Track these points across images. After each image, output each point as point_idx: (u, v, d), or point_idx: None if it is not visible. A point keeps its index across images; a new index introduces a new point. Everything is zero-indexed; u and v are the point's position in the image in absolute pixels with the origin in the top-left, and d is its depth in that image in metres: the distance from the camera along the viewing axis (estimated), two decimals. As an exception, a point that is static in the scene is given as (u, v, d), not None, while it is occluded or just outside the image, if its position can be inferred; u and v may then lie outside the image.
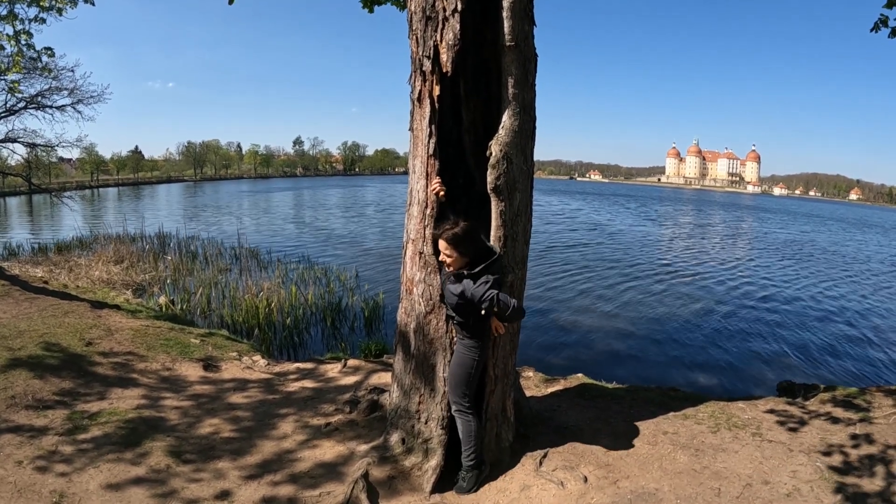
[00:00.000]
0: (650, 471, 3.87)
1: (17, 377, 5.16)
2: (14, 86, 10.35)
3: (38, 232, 26.64)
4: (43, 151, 19.21)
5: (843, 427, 4.52)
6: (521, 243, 3.77)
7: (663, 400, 5.33)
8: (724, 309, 14.48)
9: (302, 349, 9.89)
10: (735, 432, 4.47)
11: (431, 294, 3.68)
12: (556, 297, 14.88)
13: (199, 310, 11.37)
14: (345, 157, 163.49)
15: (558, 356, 9.97)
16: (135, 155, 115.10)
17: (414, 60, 3.72)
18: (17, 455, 3.93)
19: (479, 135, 4.07)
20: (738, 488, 3.63)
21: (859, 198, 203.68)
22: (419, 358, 3.81)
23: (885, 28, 6.05)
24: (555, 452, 4.07)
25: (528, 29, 3.63)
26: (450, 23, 3.48)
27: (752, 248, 30.55)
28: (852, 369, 10.37)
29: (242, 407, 5.09)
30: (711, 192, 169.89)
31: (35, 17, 7.21)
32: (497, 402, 3.87)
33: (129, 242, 18.57)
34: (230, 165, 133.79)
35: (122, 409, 4.83)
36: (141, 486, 3.65)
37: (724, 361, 10.33)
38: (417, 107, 3.72)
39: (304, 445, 4.29)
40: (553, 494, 3.61)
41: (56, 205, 23.08)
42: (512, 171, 3.52)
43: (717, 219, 54.03)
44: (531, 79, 3.69)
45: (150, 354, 6.35)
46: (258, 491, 3.66)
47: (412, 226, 3.81)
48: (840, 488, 3.57)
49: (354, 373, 6.17)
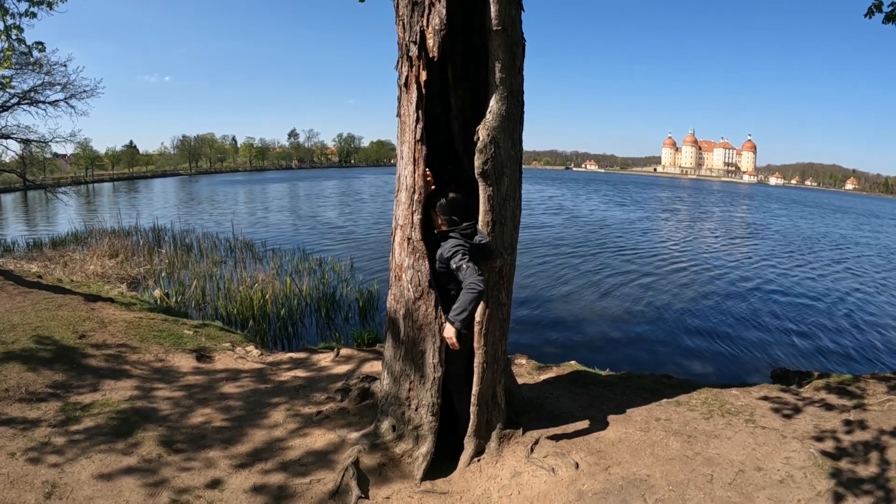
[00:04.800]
0: (642, 457, 3.88)
1: (11, 370, 5.16)
2: (6, 81, 10.25)
3: (33, 228, 26.53)
4: (37, 147, 19.12)
5: (837, 414, 4.53)
6: (510, 228, 3.75)
7: (656, 387, 5.34)
8: (718, 296, 14.50)
9: (296, 340, 9.89)
10: (728, 419, 4.48)
11: (420, 280, 3.66)
12: (549, 285, 14.88)
13: (194, 302, 11.36)
14: (340, 149, 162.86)
15: (551, 344, 9.98)
16: (129, 149, 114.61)
17: (401, 46, 3.69)
18: (10, 447, 3.93)
19: (467, 120, 4.04)
20: (731, 474, 3.64)
21: (855, 188, 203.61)
22: (409, 344, 3.79)
23: (879, 13, 6.00)
24: (546, 439, 4.07)
25: (515, 13, 3.59)
26: (436, 7, 3.45)
27: (746, 236, 30.54)
28: (846, 356, 10.40)
29: (234, 397, 5.09)
30: (707, 182, 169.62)
31: (26, 11, 7.12)
32: (487, 389, 3.86)
33: (124, 236, 18.46)
34: (225, 158, 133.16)
35: (114, 401, 4.83)
36: (132, 476, 3.66)
37: (717, 349, 10.35)
38: (405, 92, 3.69)
39: (295, 434, 4.29)
40: (544, 481, 3.61)
41: (51, 200, 23.01)
42: (500, 155, 3.49)
43: (711, 208, 53.94)
44: (519, 63, 3.66)
45: (143, 346, 6.33)
46: (249, 479, 3.67)
47: (400, 212, 3.79)
48: (834, 474, 3.58)
49: (347, 362, 6.17)
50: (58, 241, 18.88)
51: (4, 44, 6.99)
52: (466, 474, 3.79)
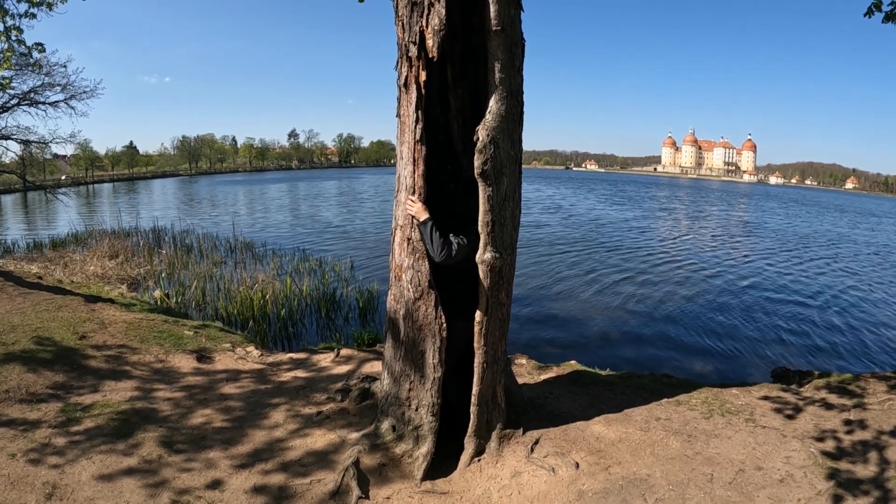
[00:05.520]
0: (642, 457, 3.87)
1: (11, 371, 5.16)
2: (6, 82, 10.25)
3: (33, 229, 26.52)
4: (37, 148, 19.18)
5: (837, 413, 4.52)
6: (510, 228, 3.75)
7: (656, 386, 5.33)
8: (718, 295, 14.50)
9: (296, 340, 9.89)
10: (728, 418, 4.47)
11: (420, 280, 3.66)
12: (549, 284, 14.89)
13: (194, 303, 11.36)
14: (340, 150, 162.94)
15: (551, 343, 9.98)
16: (129, 150, 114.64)
17: (400, 46, 3.68)
18: (11, 448, 3.93)
19: (466, 121, 4.04)
20: (731, 474, 3.63)
21: (855, 187, 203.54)
22: (408, 344, 3.79)
23: (879, 13, 5.99)
24: (546, 439, 4.07)
25: (514, 13, 3.59)
26: (435, 8, 3.44)
27: (746, 235, 30.54)
28: (847, 355, 10.39)
29: (234, 397, 5.09)
30: (707, 181, 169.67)
31: (25, 12, 7.11)
32: (487, 389, 3.86)
33: (124, 237, 18.47)
34: (225, 159, 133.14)
35: (114, 401, 4.83)
36: (132, 477, 3.66)
37: (718, 348, 10.35)
38: (404, 93, 3.69)
39: (296, 434, 4.29)
40: (544, 481, 3.61)
41: (51, 201, 23.02)
42: (499, 155, 3.49)
43: (711, 207, 53.98)
44: (518, 63, 3.66)
45: (143, 347, 6.33)
46: (249, 479, 3.67)
47: (400, 212, 3.79)
48: (833, 474, 3.57)
49: (347, 362, 6.17)
50: (58, 241, 18.88)
51: (4, 45, 6.98)
52: (467, 474, 3.79)
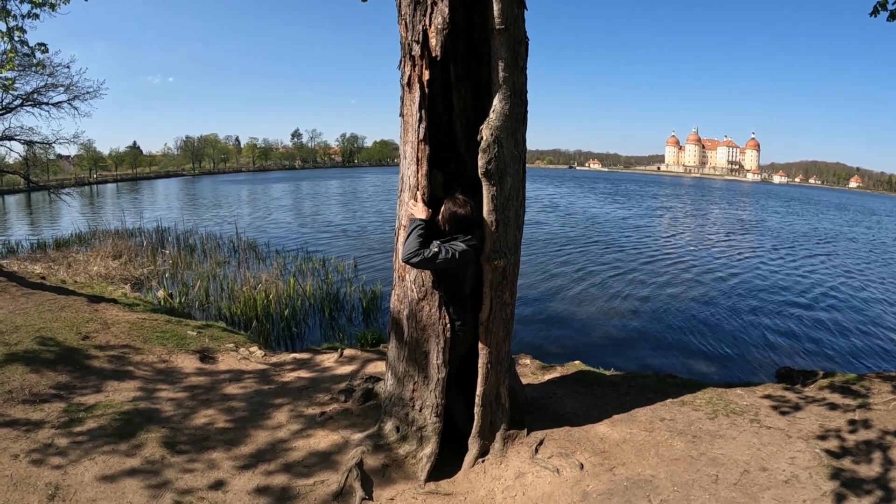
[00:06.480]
0: (646, 458, 3.85)
1: (14, 372, 5.16)
2: (9, 83, 10.26)
3: (37, 229, 26.58)
4: (40, 148, 19.23)
5: (842, 413, 4.49)
6: (514, 228, 3.73)
7: (660, 387, 5.31)
8: (722, 296, 14.46)
9: (299, 340, 9.90)
10: (733, 419, 4.45)
11: (424, 280, 3.65)
12: (553, 284, 14.86)
13: (198, 303, 11.36)
14: (343, 149, 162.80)
15: (556, 344, 9.96)
16: (133, 150, 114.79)
17: (403, 45, 3.67)
18: (13, 448, 3.93)
19: (470, 120, 4.02)
20: (736, 475, 3.60)
21: (859, 185, 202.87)
22: (412, 345, 3.78)
23: (884, 11, 5.97)
24: (551, 440, 4.05)
25: (518, 12, 3.57)
26: (438, 7, 3.43)
27: (750, 234, 30.44)
28: (852, 355, 10.35)
29: (238, 397, 5.08)
30: (711, 180, 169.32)
31: (28, 13, 7.12)
32: (491, 389, 3.84)
33: (128, 237, 18.52)
34: (228, 159, 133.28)
35: (117, 402, 4.82)
36: (135, 478, 3.65)
37: (722, 348, 10.31)
38: (407, 92, 3.68)
39: (299, 435, 4.28)
40: (548, 482, 3.59)
41: (54, 202, 23.07)
42: (503, 155, 3.48)
43: (715, 206, 53.87)
44: (522, 62, 3.64)
45: (146, 347, 6.33)
46: (252, 480, 3.66)
47: (403, 212, 3.78)
48: (838, 474, 3.54)
49: (350, 362, 6.16)
50: (61, 242, 18.93)
51: (7, 45, 6.99)
52: (470, 475, 3.77)
